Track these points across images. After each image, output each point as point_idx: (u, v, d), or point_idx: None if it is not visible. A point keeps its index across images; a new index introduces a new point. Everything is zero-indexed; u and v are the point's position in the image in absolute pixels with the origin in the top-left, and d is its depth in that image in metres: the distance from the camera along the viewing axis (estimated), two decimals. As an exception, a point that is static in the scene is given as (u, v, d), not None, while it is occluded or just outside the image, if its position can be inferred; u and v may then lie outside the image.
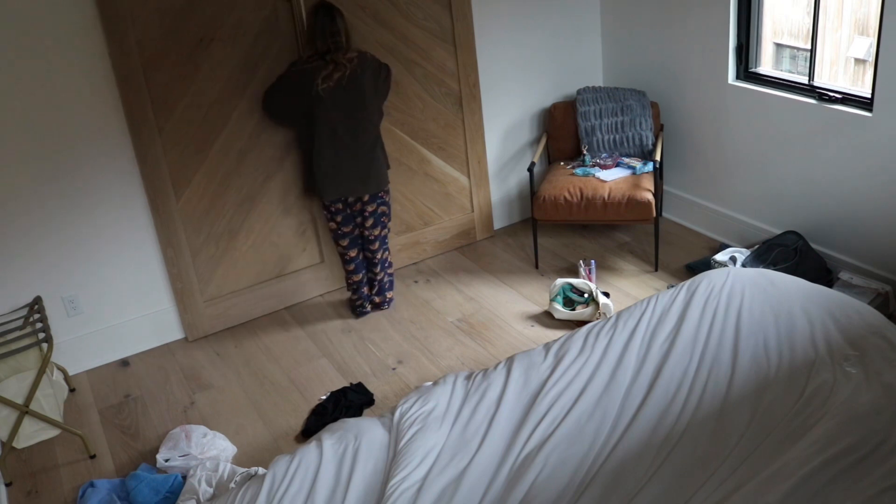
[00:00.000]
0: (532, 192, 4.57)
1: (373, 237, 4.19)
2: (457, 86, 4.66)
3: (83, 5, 3.59)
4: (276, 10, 3.97)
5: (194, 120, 3.94)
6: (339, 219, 4.10)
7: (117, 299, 4.09)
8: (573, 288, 4.20)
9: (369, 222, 4.13)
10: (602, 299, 4.06)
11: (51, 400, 3.48)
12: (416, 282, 4.67)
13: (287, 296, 4.50)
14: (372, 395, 3.71)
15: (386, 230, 4.24)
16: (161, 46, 3.77)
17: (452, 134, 4.75)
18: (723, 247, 4.57)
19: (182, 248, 4.09)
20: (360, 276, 4.29)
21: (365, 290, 4.33)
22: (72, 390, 3.97)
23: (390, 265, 4.40)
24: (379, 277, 4.33)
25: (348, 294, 4.45)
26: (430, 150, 4.70)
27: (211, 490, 3.05)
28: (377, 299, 4.38)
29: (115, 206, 3.94)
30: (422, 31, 4.44)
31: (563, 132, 4.92)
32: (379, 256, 4.27)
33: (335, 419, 3.46)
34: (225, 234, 4.20)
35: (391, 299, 4.43)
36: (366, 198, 4.05)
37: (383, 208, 4.14)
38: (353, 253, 4.21)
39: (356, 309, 4.36)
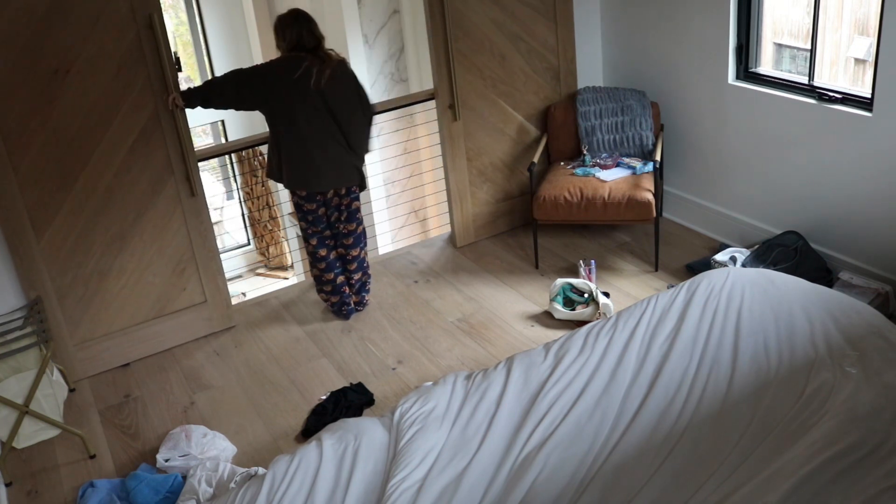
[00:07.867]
0: (532, 192, 4.57)
1: (347, 231, 4.19)
2: (556, 60, 4.89)
3: None
4: (138, 38, 3.71)
5: (53, 156, 3.70)
6: (310, 218, 4.10)
7: None
8: (573, 288, 4.19)
9: (344, 216, 4.15)
10: (602, 299, 4.06)
11: (51, 400, 3.48)
12: (416, 282, 4.67)
13: (167, 337, 4.23)
14: (372, 395, 3.71)
15: (362, 227, 4.24)
16: (10, 80, 3.51)
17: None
18: (723, 247, 4.57)
19: (47, 289, 3.84)
20: (333, 275, 4.24)
21: (346, 289, 4.30)
22: (72, 390, 3.97)
23: (368, 265, 4.40)
24: (357, 277, 4.32)
25: (325, 300, 4.38)
26: (530, 121, 4.95)
27: (211, 490, 3.05)
28: (355, 299, 4.37)
29: None
30: (527, 7, 4.71)
31: (563, 132, 4.92)
32: (354, 254, 4.26)
33: (335, 419, 3.45)
34: (94, 274, 3.94)
35: (367, 301, 4.43)
36: (342, 191, 4.07)
37: (356, 203, 4.16)
38: (322, 252, 4.19)
39: (341, 311, 4.33)
